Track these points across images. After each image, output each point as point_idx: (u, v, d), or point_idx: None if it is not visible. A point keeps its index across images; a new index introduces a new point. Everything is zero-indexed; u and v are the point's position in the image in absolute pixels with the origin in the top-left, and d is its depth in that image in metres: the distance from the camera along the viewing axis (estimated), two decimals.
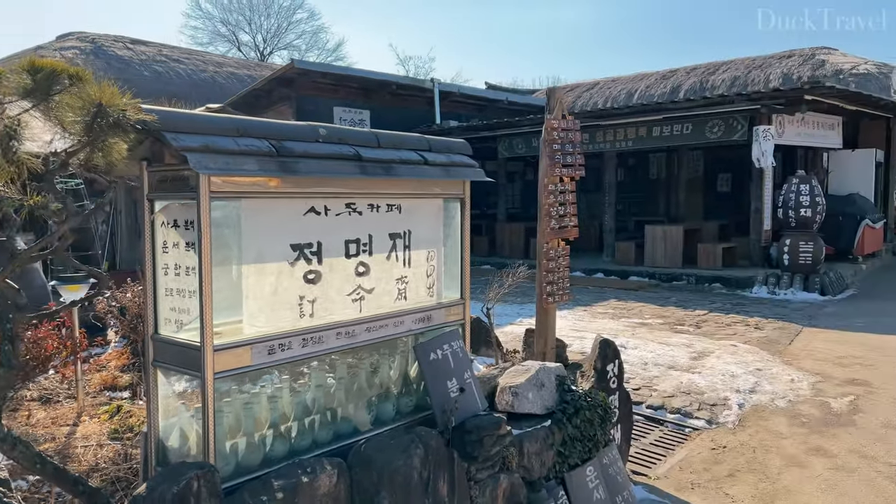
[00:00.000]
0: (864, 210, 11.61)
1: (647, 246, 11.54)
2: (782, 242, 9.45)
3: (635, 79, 18.41)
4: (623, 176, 18.29)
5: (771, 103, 9.65)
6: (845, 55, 15.12)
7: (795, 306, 8.53)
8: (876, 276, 11.05)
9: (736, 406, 4.82)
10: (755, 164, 9.80)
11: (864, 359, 5.97)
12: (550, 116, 3.66)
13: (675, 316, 8.05)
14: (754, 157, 9.78)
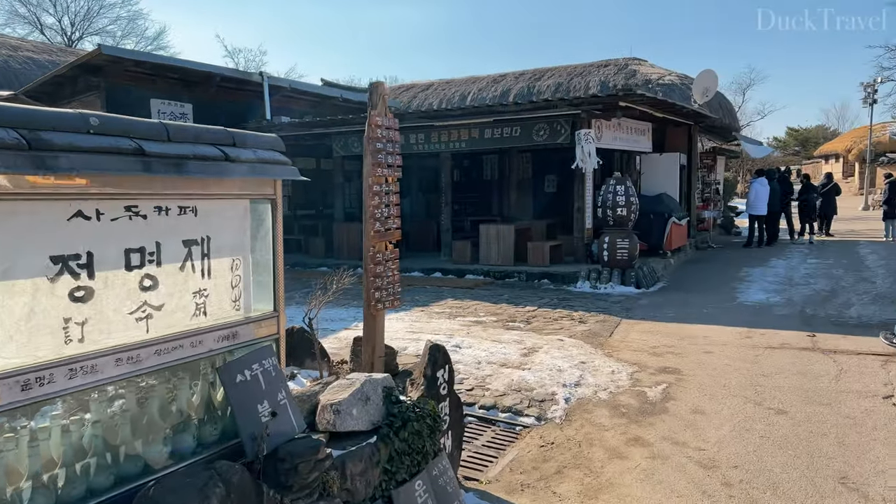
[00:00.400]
0: (671, 209, 12.73)
1: (482, 245, 11.80)
2: (602, 240, 10.06)
3: (468, 81, 18.87)
4: (459, 176, 18.70)
5: (590, 108, 10.24)
6: (653, 66, 16.55)
7: (615, 299, 9.10)
8: (682, 269, 12.14)
9: (563, 401, 4.95)
10: (578, 165, 10.35)
11: (675, 347, 6.44)
12: (374, 112, 3.47)
13: (508, 313, 8.25)
14: (577, 159, 10.32)
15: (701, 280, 10.70)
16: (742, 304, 8.63)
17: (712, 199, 17.67)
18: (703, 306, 8.48)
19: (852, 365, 5.62)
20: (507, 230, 11.56)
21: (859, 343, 6.36)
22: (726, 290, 9.68)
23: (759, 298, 8.91)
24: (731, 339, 6.69)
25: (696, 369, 5.67)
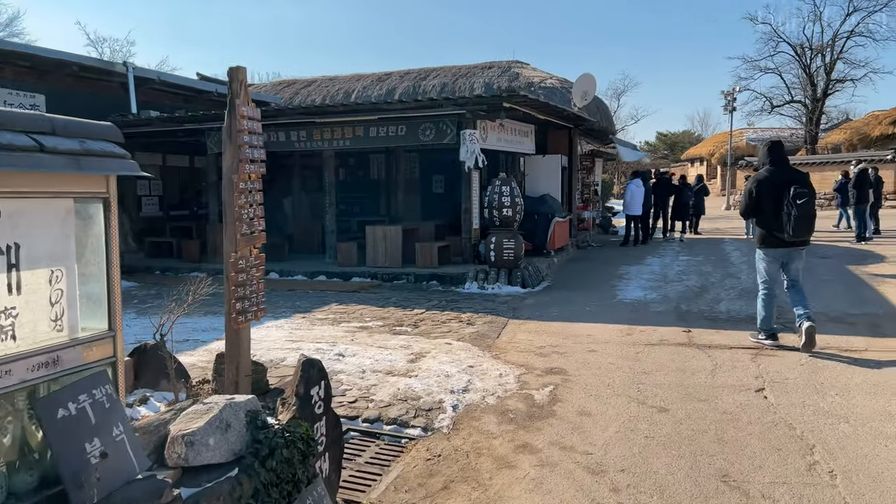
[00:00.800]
0: (554, 209, 12.98)
1: (369, 246, 11.48)
2: (489, 240, 10.04)
3: (352, 79, 18.46)
4: (345, 176, 18.25)
5: (475, 109, 10.19)
6: (535, 70, 16.89)
7: (502, 299, 9.08)
8: (565, 267, 12.40)
9: (450, 409, 4.75)
10: (464, 166, 10.28)
11: (560, 347, 6.44)
12: (239, 101, 3.09)
13: (395, 316, 7.99)
14: (462, 159, 10.24)
15: (583, 278, 10.95)
16: (622, 301, 8.86)
17: (591, 200, 18.32)
18: (586, 304, 8.63)
19: (726, 360, 5.83)
20: (395, 231, 11.31)
21: (731, 337, 6.64)
22: (607, 287, 9.94)
23: (638, 296, 9.20)
24: (613, 337, 6.80)
25: (582, 369, 5.67)
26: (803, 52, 33.81)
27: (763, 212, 6.06)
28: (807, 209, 5.79)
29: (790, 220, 5.79)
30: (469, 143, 10.11)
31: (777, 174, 6.03)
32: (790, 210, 5.77)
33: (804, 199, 5.77)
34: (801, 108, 35.58)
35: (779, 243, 6.05)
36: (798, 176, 6.05)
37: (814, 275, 10.52)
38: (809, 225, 5.91)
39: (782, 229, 5.87)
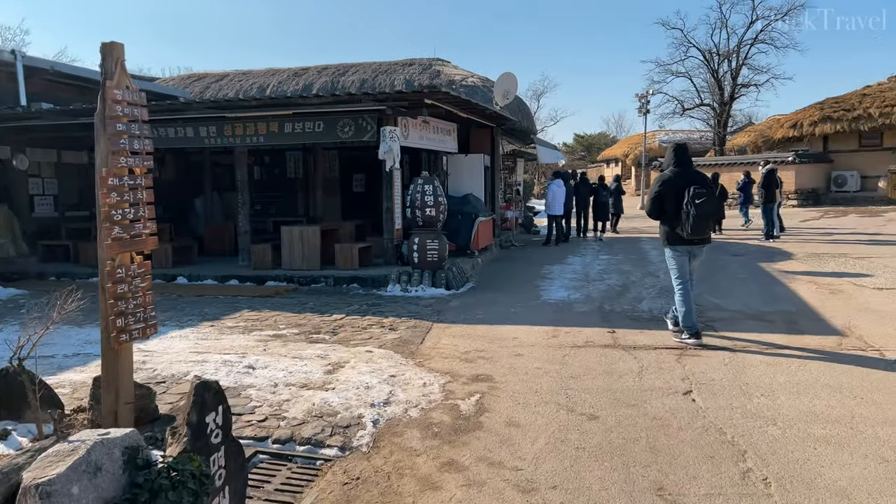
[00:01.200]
0: (478, 209, 12.81)
1: (285, 248, 10.92)
2: (412, 241, 9.72)
3: (267, 73, 17.71)
4: (261, 174, 17.51)
5: (395, 105, 9.85)
6: (457, 68, 16.69)
7: (426, 302, 8.78)
8: (490, 268, 12.25)
9: (370, 424, 4.40)
10: (384, 164, 9.92)
11: (485, 351, 6.20)
12: (111, 83, 2.64)
13: (312, 323, 7.54)
14: (382, 157, 9.88)
15: (507, 279, 10.81)
16: (546, 302, 8.74)
17: (514, 200, 18.33)
18: (511, 305, 8.45)
19: (651, 361, 5.74)
20: (313, 232, 10.81)
21: (654, 337, 6.59)
22: (531, 288, 9.82)
23: (562, 296, 9.11)
24: (539, 340, 6.62)
25: (509, 375, 5.44)
26: (711, 57, 35.33)
27: (666, 211, 6.26)
28: (705, 209, 6.01)
29: (689, 219, 6.02)
30: (389, 140, 9.76)
31: (680, 175, 6.23)
32: (689, 209, 6.00)
33: (702, 199, 6.01)
34: (710, 112, 37.14)
35: (681, 241, 6.28)
36: (699, 177, 6.27)
37: (729, 272, 10.78)
38: (707, 224, 6.18)
39: (683, 227, 6.11)
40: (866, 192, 26.17)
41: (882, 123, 25.37)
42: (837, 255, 12.14)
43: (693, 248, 6.34)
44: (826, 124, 26.75)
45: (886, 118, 25.22)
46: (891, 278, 9.49)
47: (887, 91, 26.43)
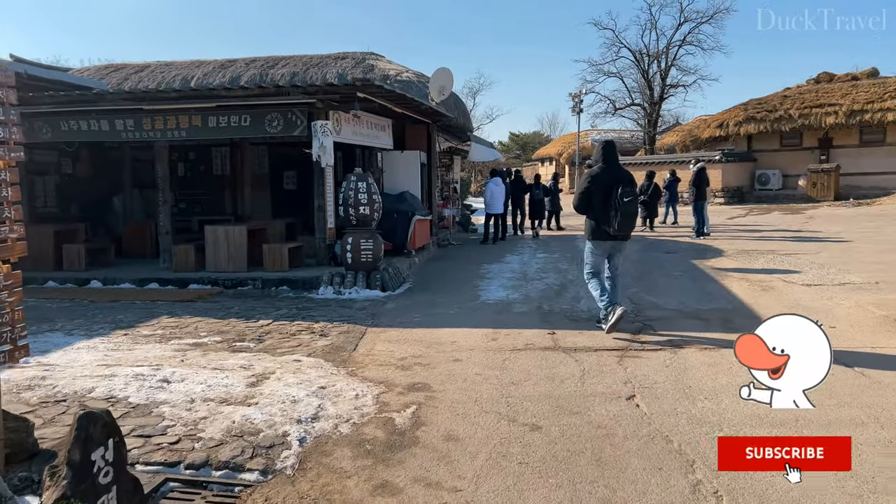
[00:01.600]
0: (414, 207, 12.49)
1: (209, 249, 10.32)
2: (345, 240, 9.31)
3: (192, 65, 16.85)
4: (186, 171, 16.63)
5: (326, 98, 9.42)
6: (391, 62, 16.30)
7: (360, 305, 8.40)
8: (427, 267, 11.96)
9: (296, 443, 4.03)
10: (315, 160, 9.47)
11: (423, 357, 5.90)
12: None
13: (237, 330, 7.06)
14: (314, 152, 9.44)
15: (445, 279, 10.54)
16: (485, 302, 8.51)
17: (451, 198, 18.10)
18: (449, 307, 8.18)
19: (593, 364, 5.57)
20: (239, 231, 10.24)
21: (594, 338, 6.44)
22: (469, 288, 9.59)
23: (500, 296, 8.90)
24: (478, 343, 6.37)
25: (447, 382, 5.16)
26: (642, 57, 36.16)
27: (594, 207, 6.46)
28: (631, 207, 6.30)
29: (616, 216, 6.25)
30: (321, 135, 9.33)
31: (608, 172, 6.46)
32: (617, 207, 6.22)
33: (629, 197, 6.26)
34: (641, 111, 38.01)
35: (606, 236, 6.48)
36: (626, 176, 6.48)
37: (664, 270, 10.84)
38: (632, 221, 6.47)
39: (609, 223, 6.31)
40: (787, 190, 27.27)
41: (801, 124, 26.49)
42: (766, 252, 12.44)
43: (616, 243, 6.58)
44: (750, 124, 27.75)
45: (805, 119, 26.35)
46: (817, 275, 9.72)
47: (806, 93, 27.62)
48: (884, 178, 25.26)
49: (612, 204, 6.23)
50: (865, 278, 9.26)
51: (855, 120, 25.28)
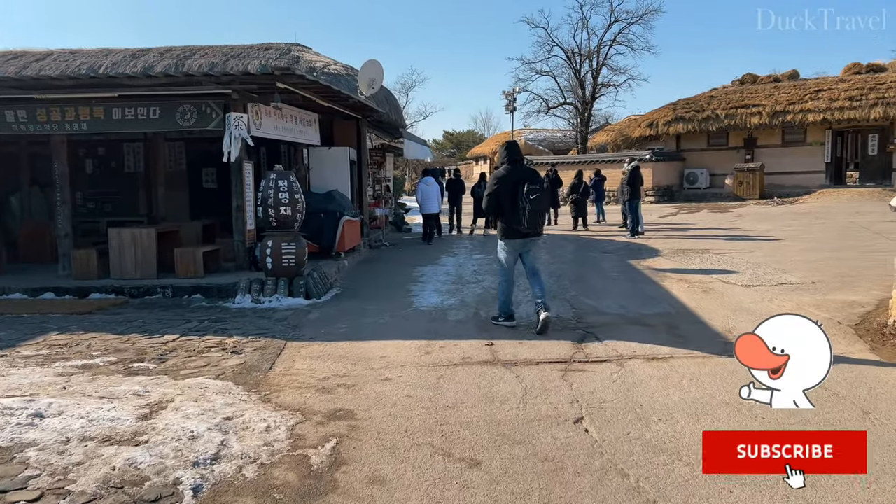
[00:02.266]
0: (343, 207, 11.79)
1: (114, 253, 9.34)
2: (265, 244, 8.53)
3: (100, 53, 15.38)
4: (94, 168, 15.35)
5: (243, 89, 8.66)
6: (318, 55, 15.44)
7: (280, 315, 7.67)
8: (357, 271, 11.29)
9: (189, 494, 3.35)
10: (227, 156, 8.67)
11: (348, 377, 5.27)
12: None
13: (137, 347, 6.24)
14: (226, 148, 8.64)
15: (377, 283, 9.91)
16: (419, 309, 7.94)
17: (383, 197, 17.45)
18: (380, 315, 7.57)
19: (535, 380, 5.07)
20: (147, 234, 9.31)
21: (535, 349, 5.96)
22: (402, 293, 8.99)
23: (435, 302, 8.35)
24: (410, 358, 5.79)
25: (374, 408, 4.55)
26: (574, 56, 36.33)
27: (502, 207, 6.53)
28: (538, 204, 6.40)
29: (525, 214, 6.34)
30: (235, 128, 8.54)
31: (514, 172, 6.56)
32: (524, 205, 6.31)
33: (536, 194, 6.34)
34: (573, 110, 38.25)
35: (517, 234, 6.57)
36: (531, 174, 6.63)
37: (601, 271, 10.54)
38: (541, 218, 6.62)
39: (519, 222, 6.40)
40: (715, 189, 27.87)
41: (728, 124, 27.09)
42: (701, 252, 12.36)
43: (527, 240, 6.65)
44: (679, 124, 28.20)
45: (731, 119, 26.95)
46: (755, 275, 9.61)
47: (731, 94, 28.29)
48: (805, 176, 26.11)
49: (520, 202, 6.30)
50: (801, 278, 9.19)
51: (778, 120, 26.01)
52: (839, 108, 24.88)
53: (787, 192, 25.82)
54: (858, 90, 25.04)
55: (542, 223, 6.67)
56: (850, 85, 25.60)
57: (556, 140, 46.13)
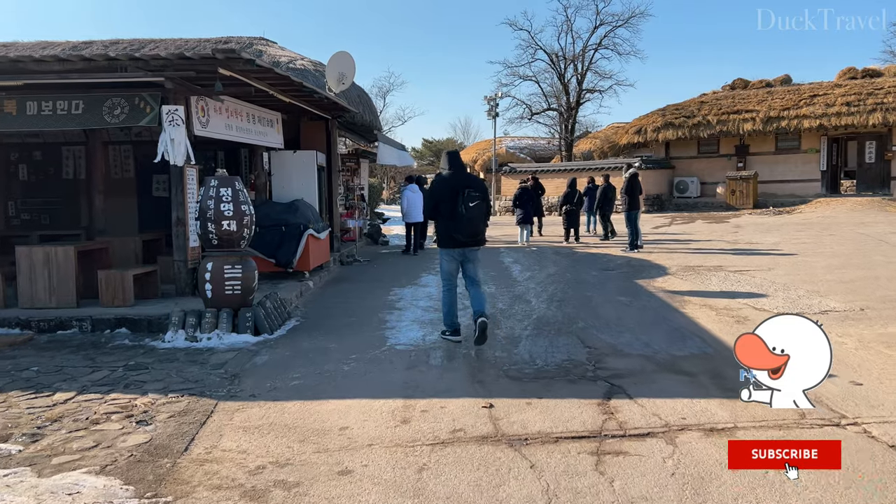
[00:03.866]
0: (308, 219, 10.23)
1: (22, 278, 7.67)
2: (203, 267, 6.89)
3: (38, 46, 13.87)
4: (29, 174, 13.62)
5: (179, 76, 7.06)
6: (284, 49, 13.99)
7: (218, 359, 6.06)
8: (323, 294, 9.71)
9: None
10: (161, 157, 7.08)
11: (292, 466, 3.72)
12: None
13: (9, 415, 4.61)
14: (161, 147, 7.05)
15: (344, 311, 8.33)
16: (394, 348, 6.39)
17: (357, 207, 15.88)
18: (345, 357, 6.02)
19: (559, 473, 3.56)
20: (64, 253, 7.66)
21: (551, 413, 4.46)
22: (374, 324, 7.45)
23: (414, 337, 6.82)
24: (381, 431, 4.24)
25: None
26: (558, 60, 35.06)
27: (441, 213, 6.28)
28: (477, 211, 6.18)
29: (463, 221, 6.13)
30: (170, 124, 6.95)
31: (455, 177, 6.33)
32: (463, 212, 6.10)
33: (475, 201, 6.15)
34: (556, 117, 36.98)
35: (456, 243, 6.30)
36: (472, 181, 6.52)
37: (608, 294, 9.09)
38: (479, 226, 6.37)
39: (458, 229, 6.18)
40: (706, 198, 26.72)
41: (719, 130, 25.97)
42: (714, 269, 10.98)
43: (467, 249, 6.36)
44: (668, 130, 27.04)
45: (723, 125, 25.83)
46: (788, 299, 8.22)
47: (723, 99, 27.21)
48: (799, 185, 25.06)
49: (459, 209, 6.10)
50: (844, 303, 7.82)
51: (772, 127, 24.93)
52: (836, 113, 23.87)
53: (781, 202, 24.73)
54: (856, 95, 24.06)
55: (482, 232, 6.44)
56: (846, 90, 24.62)
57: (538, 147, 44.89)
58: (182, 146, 7.27)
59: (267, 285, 8.74)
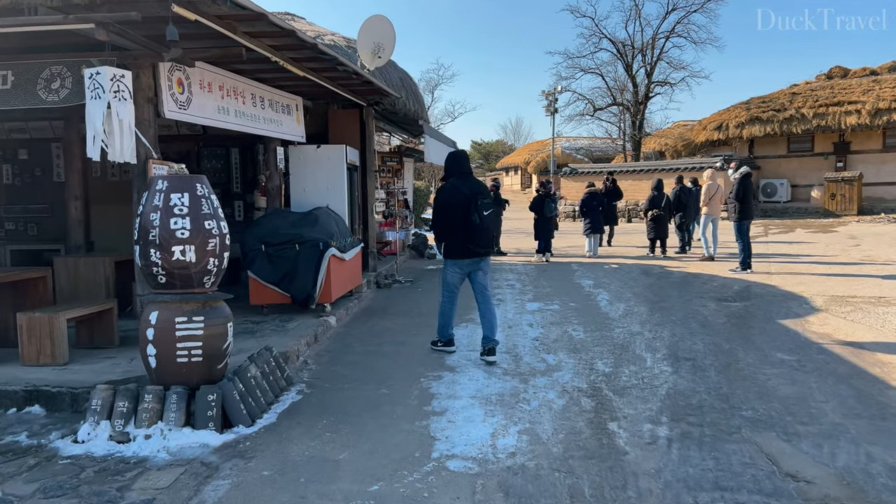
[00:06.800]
0: (330, 233, 7.73)
1: None
2: (145, 320, 4.37)
3: None
4: (14, 176, 11.56)
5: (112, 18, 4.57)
6: (312, 24, 11.61)
7: (148, 486, 3.55)
8: (347, 336, 7.16)
9: None
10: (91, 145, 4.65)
11: None
12: None
13: None
14: (90, 134, 4.62)
15: (372, 371, 5.76)
16: (445, 466, 3.77)
17: (399, 215, 13.34)
18: (361, 489, 3.45)
19: None
20: None
21: None
22: (414, 401, 4.87)
23: (479, 437, 4.19)
24: None
25: None
26: (625, 50, 31.90)
27: (452, 224, 5.90)
28: (491, 219, 5.87)
29: (478, 231, 5.81)
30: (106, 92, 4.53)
31: (466, 185, 5.95)
32: (477, 221, 5.78)
33: (489, 209, 5.85)
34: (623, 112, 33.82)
35: (468, 254, 5.93)
36: (482, 186, 6.16)
37: (754, 345, 6.24)
38: (492, 235, 6.22)
39: (472, 240, 5.84)
40: (798, 203, 23.37)
41: (816, 125, 22.57)
42: (876, 302, 8.04)
43: (479, 260, 5.98)
44: (754, 126, 23.76)
45: (821, 119, 22.44)
46: None
47: (819, 90, 23.77)
48: None
49: (473, 218, 5.74)
50: None
51: (881, 120, 21.43)
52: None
53: (889, 207, 21.26)
54: None
55: (494, 240, 6.36)
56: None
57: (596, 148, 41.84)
58: (129, 131, 4.83)
59: (271, 325, 6.27)
